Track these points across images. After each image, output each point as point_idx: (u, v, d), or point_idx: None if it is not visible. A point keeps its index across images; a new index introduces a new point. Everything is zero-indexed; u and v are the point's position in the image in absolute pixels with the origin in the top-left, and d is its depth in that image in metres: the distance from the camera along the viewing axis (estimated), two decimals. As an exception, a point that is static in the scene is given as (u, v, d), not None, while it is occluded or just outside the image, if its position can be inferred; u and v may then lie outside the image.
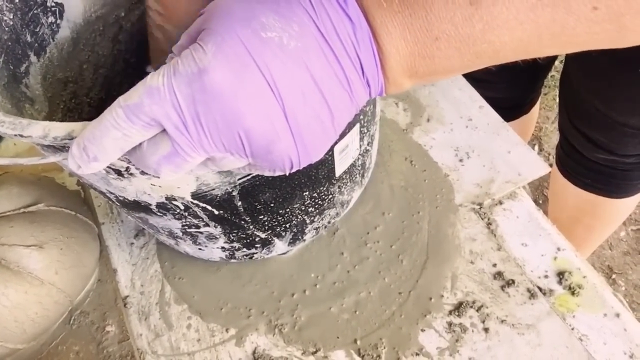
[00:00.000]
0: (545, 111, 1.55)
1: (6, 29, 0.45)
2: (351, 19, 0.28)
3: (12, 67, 0.46)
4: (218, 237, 0.48)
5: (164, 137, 0.28)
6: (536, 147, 1.48)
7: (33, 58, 0.48)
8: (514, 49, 0.28)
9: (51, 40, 0.50)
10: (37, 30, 0.49)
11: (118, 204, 0.45)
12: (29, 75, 0.48)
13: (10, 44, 0.46)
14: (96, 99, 0.57)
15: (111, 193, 0.42)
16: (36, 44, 0.49)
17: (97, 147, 0.28)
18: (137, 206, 0.43)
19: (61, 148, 0.34)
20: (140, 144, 0.29)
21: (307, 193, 0.46)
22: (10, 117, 0.33)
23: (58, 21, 0.51)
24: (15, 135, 0.32)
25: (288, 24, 0.27)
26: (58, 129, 0.31)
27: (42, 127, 0.31)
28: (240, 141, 0.28)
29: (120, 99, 0.27)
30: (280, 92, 0.27)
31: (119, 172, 0.37)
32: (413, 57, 0.29)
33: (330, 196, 0.49)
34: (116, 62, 0.58)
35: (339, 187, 0.49)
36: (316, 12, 0.27)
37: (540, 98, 1.55)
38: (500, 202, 0.59)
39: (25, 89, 0.47)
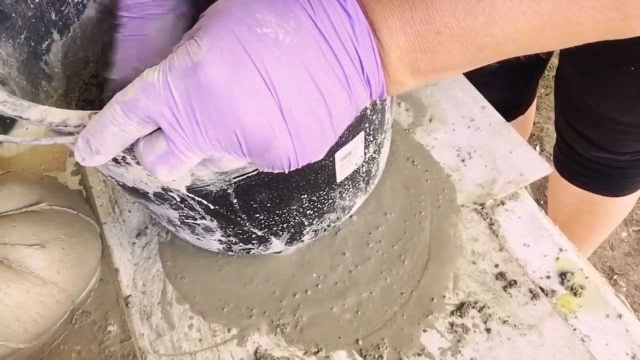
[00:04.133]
0: (547, 111, 1.55)
1: (31, 5, 0.46)
2: (349, 14, 0.27)
3: (33, 44, 0.46)
4: (214, 230, 0.48)
5: (160, 136, 0.28)
6: (537, 148, 1.48)
7: (56, 36, 0.49)
8: (517, 41, 0.27)
9: (76, 19, 0.51)
10: (63, 9, 0.49)
11: (120, 187, 0.45)
12: (49, 53, 0.48)
13: (34, 20, 0.46)
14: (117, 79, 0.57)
15: (112, 178, 0.43)
16: (60, 22, 0.49)
17: (99, 141, 0.28)
18: (136, 192, 0.44)
19: (65, 132, 0.34)
20: (139, 140, 0.29)
21: (305, 196, 0.46)
22: (13, 97, 0.34)
23: (85, 1, 0.51)
24: (16, 116, 0.32)
25: (284, 20, 0.27)
26: (54, 115, 0.31)
27: (40, 111, 0.32)
28: (236, 138, 0.27)
29: (118, 94, 0.27)
30: (276, 88, 0.27)
31: (116, 160, 0.37)
32: (415, 52, 0.28)
33: (331, 201, 0.49)
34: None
35: (340, 192, 0.49)
36: (313, 8, 0.27)
37: (541, 98, 1.56)
38: (502, 203, 0.59)
39: (44, 66, 0.47)
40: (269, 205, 0.45)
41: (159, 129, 0.28)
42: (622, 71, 0.64)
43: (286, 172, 0.31)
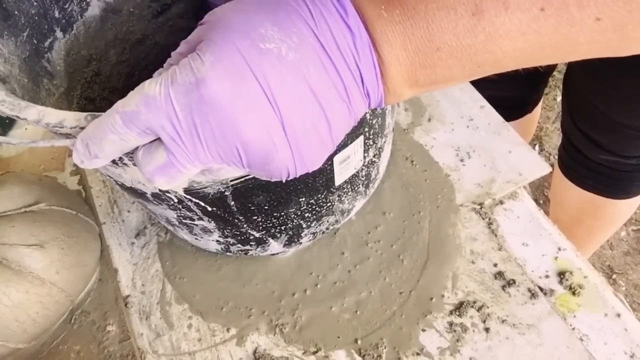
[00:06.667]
0: (545, 111, 1.55)
1: (35, 3, 0.46)
2: (351, 29, 0.27)
3: (35, 42, 0.46)
4: (212, 231, 0.48)
5: (160, 147, 0.28)
6: (537, 147, 1.48)
7: (59, 34, 0.49)
8: (516, 58, 0.28)
9: (79, 17, 0.50)
10: (66, 6, 0.49)
11: (119, 187, 0.45)
12: (52, 51, 0.48)
13: (37, 18, 0.46)
14: (122, 75, 0.57)
15: (110, 177, 0.43)
16: (64, 20, 0.49)
17: (97, 147, 0.29)
18: (134, 192, 0.44)
19: (62, 133, 0.34)
20: (138, 149, 0.29)
21: (303, 199, 0.46)
22: (11, 97, 0.34)
23: None
24: (13, 115, 0.33)
25: (287, 35, 0.27)
26: (51, 116, 0.32)
27: (37, 112, 0.32)
28: (237, 153, 0.28)
29: (119, 103, 0.27)
30: (278, 104, 0.27)
31: (113, 161, 0.37)
32: (414, 67, 0.28)
33: (329, 204, 0.49)
34: (144, 42, 0.57)
35: (338, 195, 0.49)
36: (316, 23, 0.27)
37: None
38: (501, 202, 0.59)
39: (46, 63, 0.47)
40: (266, 207, 0.45)
41: (159, 138, 0.28)
42: (635, 76, 0.64)
43: (284, 181, 0.31)
